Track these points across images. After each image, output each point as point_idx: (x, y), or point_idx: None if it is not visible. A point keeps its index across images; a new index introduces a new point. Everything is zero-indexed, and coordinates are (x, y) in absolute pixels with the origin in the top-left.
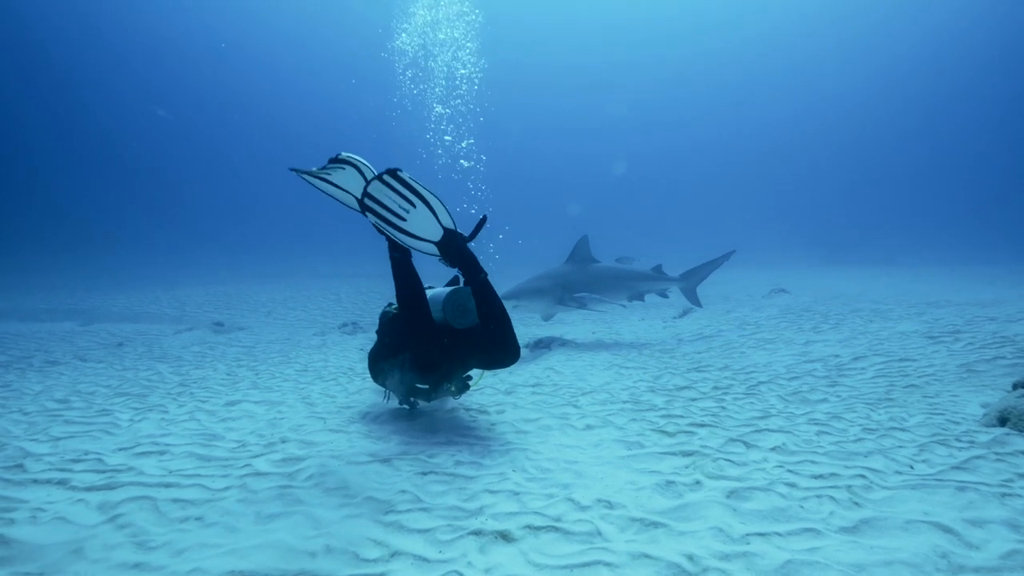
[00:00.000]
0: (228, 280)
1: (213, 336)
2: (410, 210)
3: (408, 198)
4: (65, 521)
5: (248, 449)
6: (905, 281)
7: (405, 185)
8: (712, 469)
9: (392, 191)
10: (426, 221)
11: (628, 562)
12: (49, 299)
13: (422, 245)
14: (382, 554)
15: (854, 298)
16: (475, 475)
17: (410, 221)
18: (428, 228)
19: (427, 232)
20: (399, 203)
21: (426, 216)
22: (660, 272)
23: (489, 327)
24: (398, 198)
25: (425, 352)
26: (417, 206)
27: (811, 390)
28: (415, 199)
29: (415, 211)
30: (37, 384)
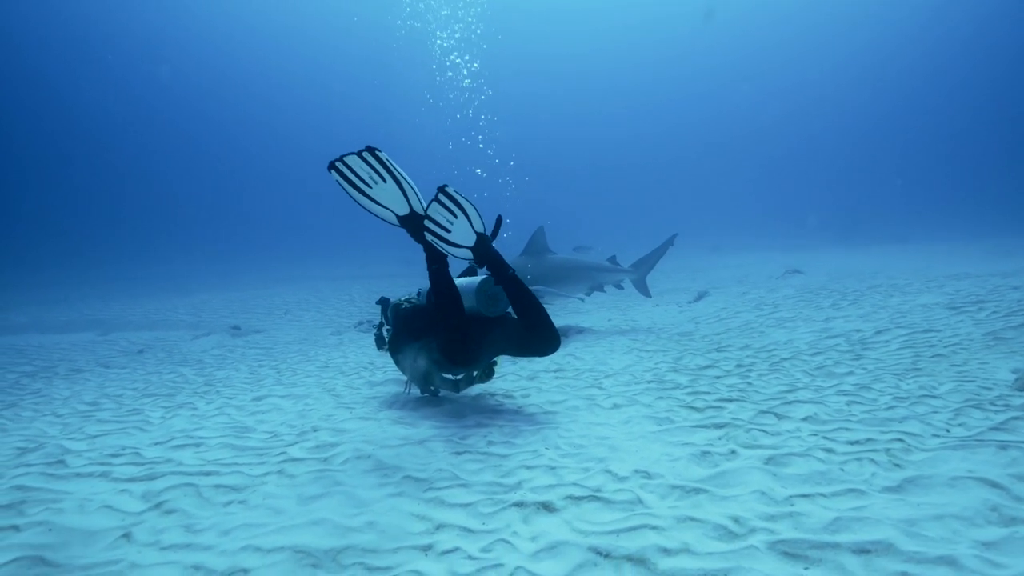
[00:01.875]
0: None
1: (231, 339)
2: (454, 221)
3: (453, 211)
4: (112, 509)
5: (281, 439)
6: (921, 257)
7: (452, 199)
8: (746, 439)
9: (443, 208)
10: (465, 229)
11: (674, 525)
12: (67, 311)
13: (460, 252)
14: (427, 527)
15: (871, 275)
16: (509, 453)
17: (454, 232)
18: (466, 235)
19: (465, 239)
20: (447, 216)
21: (465, 225)
22: (615, 263)
23: (528, 320)
24: (446, 212)
25: (459, 345)
26: (459, 217)
27: (836, 364)
28: (458, 211)
29: (457, 221)
30: (65, 390)
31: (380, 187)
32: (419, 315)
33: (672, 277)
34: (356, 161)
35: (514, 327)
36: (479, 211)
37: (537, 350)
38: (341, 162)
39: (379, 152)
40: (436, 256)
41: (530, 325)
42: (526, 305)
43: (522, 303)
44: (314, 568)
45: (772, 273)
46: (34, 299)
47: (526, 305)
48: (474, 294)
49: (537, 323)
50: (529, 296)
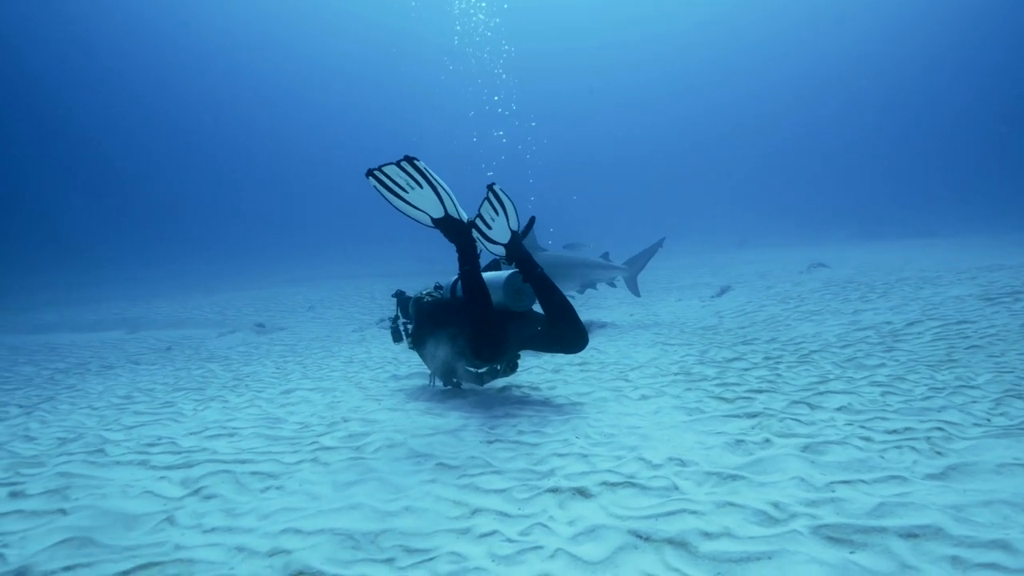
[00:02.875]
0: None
1: (256, 337)
2: (495, 219)
3: (496, 209)
4: (153, 495)
5: (312, 429)
6: (949, 250)
7: (497, 198)
8: (780, 428)
9: (490, 205)
10: (503, 227)
11: (713, 510)
12: (96, 310)
13: (494, 248)
14: (463, 512)
15: (898, 268)
16: (540, 442)
17: (494, 229)
18: (503, 233)
19: (501, 237)
20: (491, 214)
21: (504, 223)
22: (608, 260)
23: (556, 318)
24: (491, 210)
25: (485, 339)
26: (500, 215)
27: (866, 356)
28: (500, 209)
29: (498, 219)
30: (99, 385)
31: (416, 192)
32: (442, 308)
33: (693, 272)
34: (394, 170)
35: (540, 323)
36: (516, 210)
37: (565, 347)
38: (379, 170)
39: (417, 161)
40: (469, 257)
41: (558, 323)
42: (554, 303)
43: (550, 301)
44: (354, 550)
45: (796, 268)
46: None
47: (554, 303)
48: (502, 288)
49: (565, 321)
50: (557, 294)
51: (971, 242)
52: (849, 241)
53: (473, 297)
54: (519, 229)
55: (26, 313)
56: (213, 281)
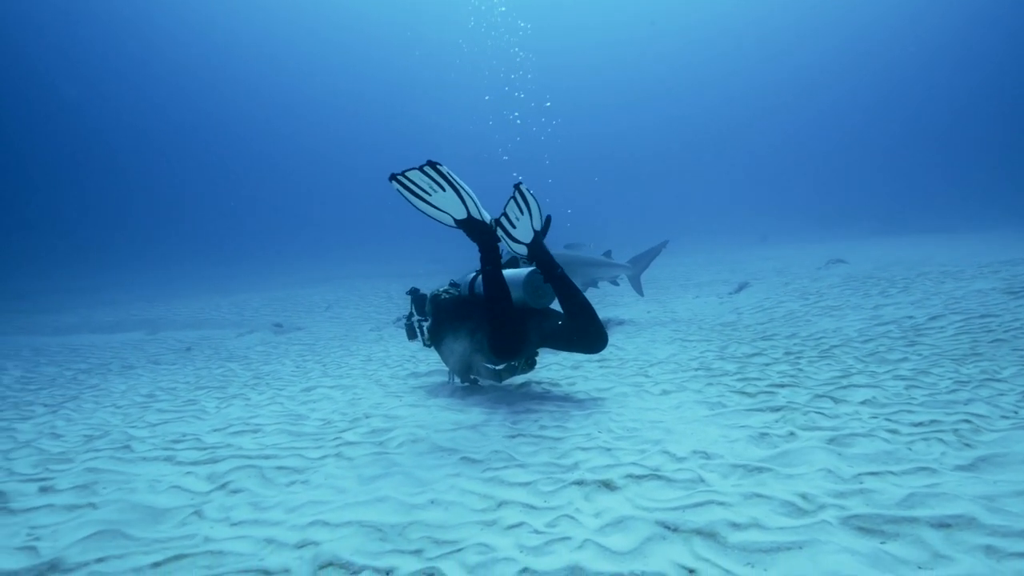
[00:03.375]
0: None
1: (274, 337)
2: (520, 218)
3: (521, 208)
4: (180, 489)
5: (334, 425)
6: (969, 244)
7: (523, 198)
8: (804, 421)
9: (516, 204)
10: (527, 227)
11: (740, 502)
12: (116, 312)
13: (517, 247)
14: (489, 504)
15: (919, 263)
16: (562, 436)
17: (518, 228)
18: (526, 232)
19: (524, 236)
20: (516, 213)
21: (528, 222)
22: (610, 258)
23: (577, 318)
24: (517, 209)
25: (505, 337)
26: (524, 214)
27: (888, 350)
28: (525, 209)
29: (523, 219)
30: (121, 384)
31: (439, 195)
32: (460, 305)
33: (710, 269)
34: (416, 174)
35: (559, 321)
36: (540, 210)
37: (585, 347)
38: (403, 175)
39: (440, 166)
40: (491, 257)
41: (579, 323)
42: (575, 303)
43: (571, 301)
44: (382, 542)
45: (813, 264)
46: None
47: (575, 303)
48: (521, 286)
49: (585, 321)
50: (578, 294)
51: (991, 236)
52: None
53: (494, 296)
54: (541, 228)
55: (47, 315)
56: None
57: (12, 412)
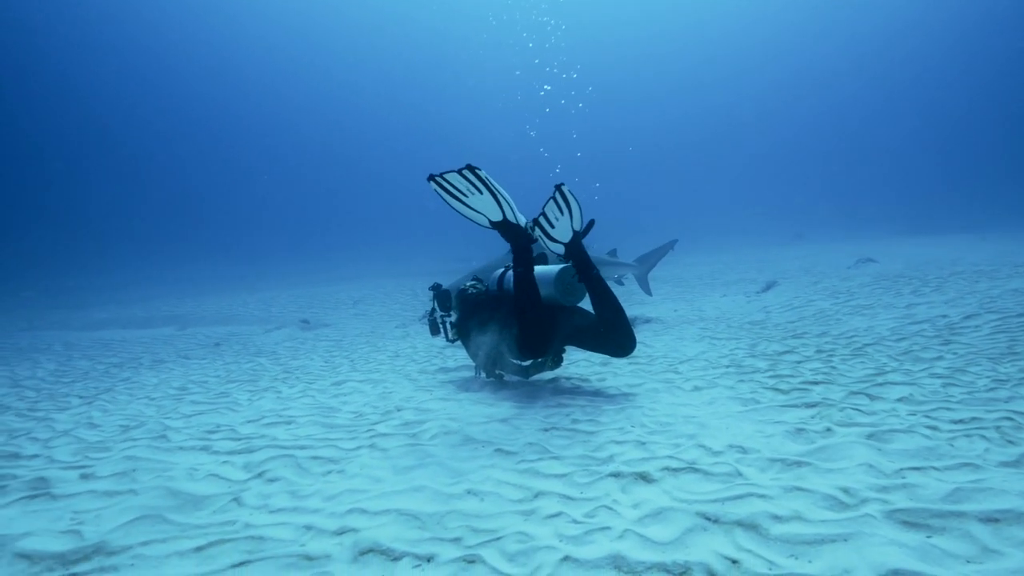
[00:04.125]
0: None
1: (301, 333)
2: (560, 218)
3: (561, 208)
4: (218, 477)
5: (367, 418)
6: (1002, 244)
7: (564, 198)
8: (840, 418)
9: (556, 205)
10: (566, 227)
11: (781, 495)
12: (146, 308)
13: (555, 246)
14: (525, 495)
15: (951, 263)
16: (595, 430)
17: (557, 228)
18: (565, 232)
19: (563, 236)
20: (556, 213)
21: (567, 222)
22: (615, 257)
23: (608, 320)
24: (556, 209)
25: (532, 337)
26: (564, 215)
27: (923, 349)
28: (566, 209)
29: (562, 219)
30: (153, 378)
31: (476, 197)
32: (487, 301)
33: (736, 268)
34: (455, 176)
35: (588, 321)
36: (581, 211)
37: (613, 349)
38: (441, 176)
39: (478, 170)
40: (524, 259)
41: (610, 325)
42: (607, 305)
43: (604, 303)
44: (421, 530)
45: (842, 263)
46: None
47: (607, 305)
48: (553, 283)
49: (616, 324)
50: (611, 296)
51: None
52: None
53: (523, 297)
54: (581, 229)
55: (78, 311)
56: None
57: (49, 403)
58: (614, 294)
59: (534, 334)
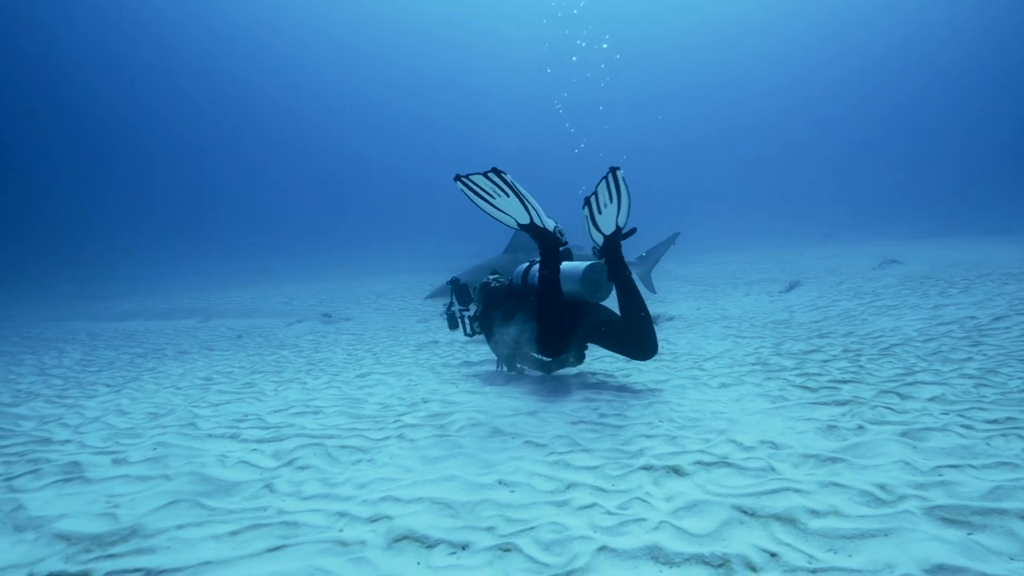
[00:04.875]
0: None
1: (323, 326)
2: (608, 206)
3: (611, 196)
4: (249, 464)
5: (393, 409)
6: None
7: (616, 185)
8: (872, 416)
9: (607, 189)
10: (611, 218)
11: (817, 490)
12: (169, 300)
13: (596, 235)
14: (557, 486)
15: (977, 265)
16: (623, 424)
17: (603, 216)
18: (609, 224)
19: (607, 227)
20: (606, 199)
21: (613, 213)
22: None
23: (634, 323)
24: (607, 195)
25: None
26: (612, 204)
27: (951, 350)
28: (616, 199)
29: (610, 207)
30: (178, 368)
31: (503, 199)
32: (511, 294)
33: (759, 268)
34: (481, 179)
35: (613, 321)
36: (630, 206)
37: (635, 353)
38: (467, 178)
39: (504, 174)
40: (551, 262)
41: (635, 328)
42: (634, 308)
43: (631, 306)
44: (454, 518)
45: (866, 264)
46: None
47: (634, 308)
48: (579, 279)
49: (641, 327)
50: (638, 299)
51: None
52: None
53: (547, 299)
54: (623, 225)
55: (103, 302)
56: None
57: (77, 391)
58: (642, 297)
59: (555, 335)
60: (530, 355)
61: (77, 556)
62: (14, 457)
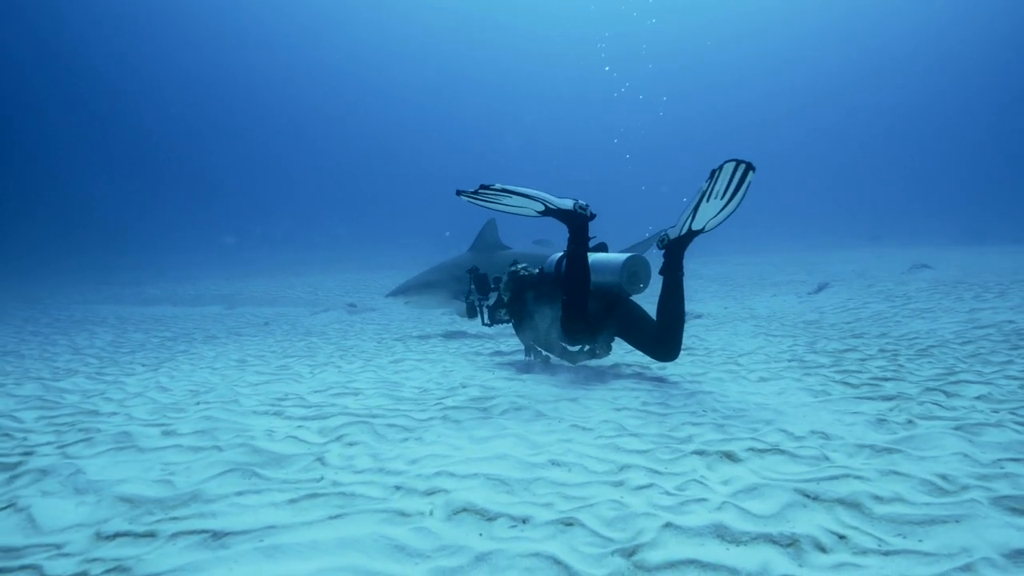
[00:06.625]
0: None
1: (349, 316)
2: (714, 200)
3: (727, 191)
4: (297, 440)
5: (432, 393)
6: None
7: (740, 182)
8: (921, 411)
9: (727, 181)
10: (710, 214)
11: (878, 477)
12: (196, 286)
13: (683, 226)
14: (610, 467)
15: (1011, 271)
16: (667, 413)
17: (704, 208)
18: (704, 219)
19: (700, 224)
20: (718, 189)
21: (714, 210)
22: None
23: (667, 323)
24: (724, 186)
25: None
26: (720, 200)
27: (991, 353)
28: (729, 199)
29: (716, 203)
30: (210, 351)
31: (509, 199)
32: (541, 282)
33: (785, 270)
34: (478, 195)
35: (643, 317)
36: (731, 216)
37: (659, 352)
38: (466, 194)
39: (492, 185)
40: (579, 238)
41: (666, 329)
42: (673, 308)
43: (671, 306)
44: (510, 495)
45: (896, 268)
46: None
47: (673, 308)
48: (619, 269)
49: (673, 330)
50: (681, 302)
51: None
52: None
53: (575, 277)
54: (709, 229)
55: (131, 287)
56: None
57: (115, 369)
58: (683, 302)
59: (581, 316)
60: (558, 343)
61: (141, 518)
62: (64, 427)
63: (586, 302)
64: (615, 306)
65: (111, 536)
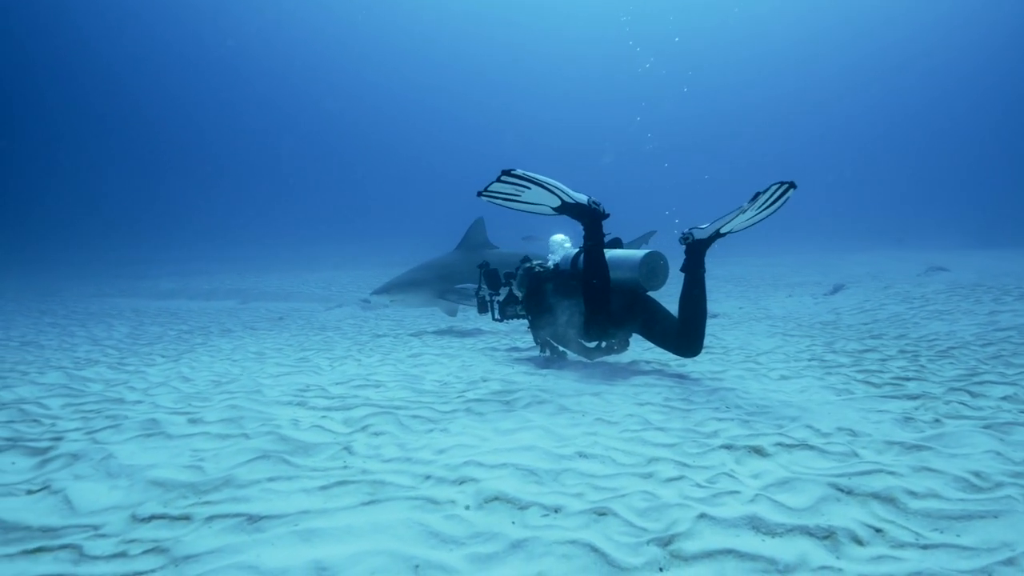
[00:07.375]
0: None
1: (362, 312)
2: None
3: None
4: (322, 429)
5: (452, 387)
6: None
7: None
8: (947, 410)
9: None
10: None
11: (910, 473)
12: (210, 281)
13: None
14: (639, 460)
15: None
16: (691, 408)
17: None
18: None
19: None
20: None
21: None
22: None
23: (688, 320)
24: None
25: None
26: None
27: (1013, 355)
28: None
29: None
30: (227, 344)
31: (527, 193)
32: (557, 278)
33: (800, 272)
34: (497, 185)
35: (663, 313)
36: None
37: (679, 349)
38: (486, 191)
39: (514, 171)
40: (594, 234)
41: (688, 326)
42: (694, 305)
43: (693, 303)
44: (539, 485)
45: (911, 270)
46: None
47: (694, 305)
48: (638, 265)
49: (695, 323)
50: (703, 301)
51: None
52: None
53: (592, 273)
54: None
55: (146, 281)
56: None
57: (136, 359)
58: (704, 299)
59: (599, 311)
60: (575, 339)
61: (175, 501)
62: (91, 414)
63: (608, 298)
64: (635, 302)
65: (147, 518)
